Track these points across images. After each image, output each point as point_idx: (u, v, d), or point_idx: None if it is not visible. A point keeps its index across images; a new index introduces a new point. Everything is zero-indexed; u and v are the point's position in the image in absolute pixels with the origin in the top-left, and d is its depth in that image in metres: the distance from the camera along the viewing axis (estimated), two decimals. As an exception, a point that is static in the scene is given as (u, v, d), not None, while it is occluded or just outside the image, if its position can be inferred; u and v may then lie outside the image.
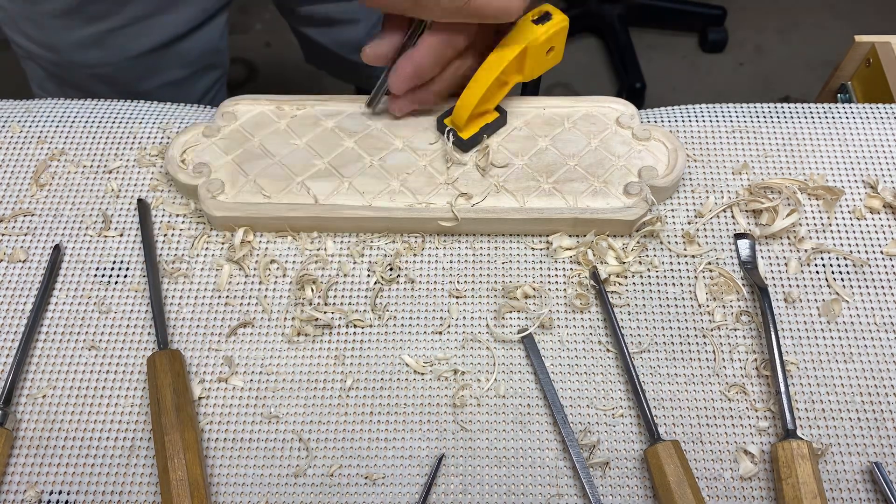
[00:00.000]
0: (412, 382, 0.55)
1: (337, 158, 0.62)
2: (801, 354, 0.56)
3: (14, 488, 0.51)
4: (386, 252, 0.60)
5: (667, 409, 0.54)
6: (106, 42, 0.84)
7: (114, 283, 0.59)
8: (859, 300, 0.58)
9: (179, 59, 0.90)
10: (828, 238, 0.61)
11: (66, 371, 0.56)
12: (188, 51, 0.90)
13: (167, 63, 0.89)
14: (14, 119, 0.68)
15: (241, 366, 0.56)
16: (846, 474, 0.52)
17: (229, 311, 0.58)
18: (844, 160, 0.65)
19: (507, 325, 0.57)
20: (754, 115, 0.67)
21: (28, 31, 0.85)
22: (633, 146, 0.62)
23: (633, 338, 0.57)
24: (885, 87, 0.72)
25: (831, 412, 0.54)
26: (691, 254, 0.60)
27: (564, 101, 0.65)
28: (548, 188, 0.60)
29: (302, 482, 0.52)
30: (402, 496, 0.51)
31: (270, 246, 0.61)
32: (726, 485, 0.51)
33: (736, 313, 0.57)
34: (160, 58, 0.88)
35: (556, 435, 0.53)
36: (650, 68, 1.87)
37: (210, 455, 0.53)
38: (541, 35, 0.58)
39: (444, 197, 0.60)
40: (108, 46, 0.84)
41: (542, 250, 0.60)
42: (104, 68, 0.86)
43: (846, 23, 1.96)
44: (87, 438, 0.53)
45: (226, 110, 0.65)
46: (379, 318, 0.57)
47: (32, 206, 0.63)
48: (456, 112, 0.61)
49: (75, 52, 0.84)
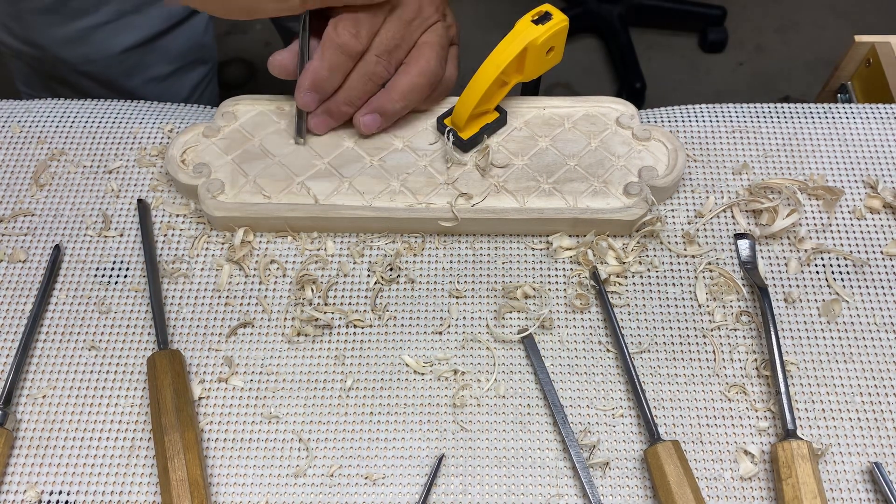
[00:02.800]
0: (412, 382, 0.55)
1: (337, 158, 0.62)
2: (801, 354, 0.56)
3: (14, 488, 0.51)
4: (386, 252, 0.60)
5: (667, 409, 0.54)
6: (89, 39, 0.84)
7: (114, 283, 0.59)
8: (859, 300, 0.58)
9: (164, 55, 0.91)
10: (828, 238, 0.61)
11: (66, 371, 0.56)
12: (172, 46, 0.91)
13: (151, 59, 0.90)
14: (14, 119, 0.68)
15: (241, 366, 0.56)
16: (846, 474, 0.52)
17: (229, 312, 0.58)
18: (844, 160, 0.65)
19: (507, 325, 0.57)
20: (754, 115, 0.67)
21: (12, 29, 0.85)
22: (633, 146, 0.62)
23: (633, 338, 0.57)
24: (885, 87, 0.72)
25: (831, 412, 0.54)
26: (691, 254, 0.60)
27: (564, 101, 0.65)
28: (548, 188, 0.60)
29: (302, 482, 0.52)
30: (402, 496, 0.51)
31: (270, 246, 0.61)
32: (726, 485, 0.51)
33: (736, 313, 0.57)
34: (144, 54, 0.88)
35: (556, 435, 0.53)
36: (650, 68, 1.87)
37: (210, 455, 0.52)
38: (541, 35, 0.58)
39: (444, 197, 0.60)
40: (91, 43, 0.85)
41: (542, 250, 0.60)
42: (89, 65, 0.87)
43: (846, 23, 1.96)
44: (87, 438, 0.53)
45: (226, 110, 0.65)
46: (379, 319, 0.57)
47: (32, 206, 0.63)
48: (456, 112, 0.61)
49: (59, 49, 0.85)
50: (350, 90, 0.59)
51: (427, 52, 0.60)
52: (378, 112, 0.61)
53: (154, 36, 0.88)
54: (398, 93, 0.60)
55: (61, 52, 0.85)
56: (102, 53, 0.86)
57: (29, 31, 0.84)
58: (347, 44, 0.57)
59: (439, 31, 0.60)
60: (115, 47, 0.86)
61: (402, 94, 0.60)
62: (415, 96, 0.60)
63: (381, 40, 0.58)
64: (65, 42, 0.84)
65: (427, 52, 0.60)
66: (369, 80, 0.59)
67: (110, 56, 0.87)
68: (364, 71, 0.59)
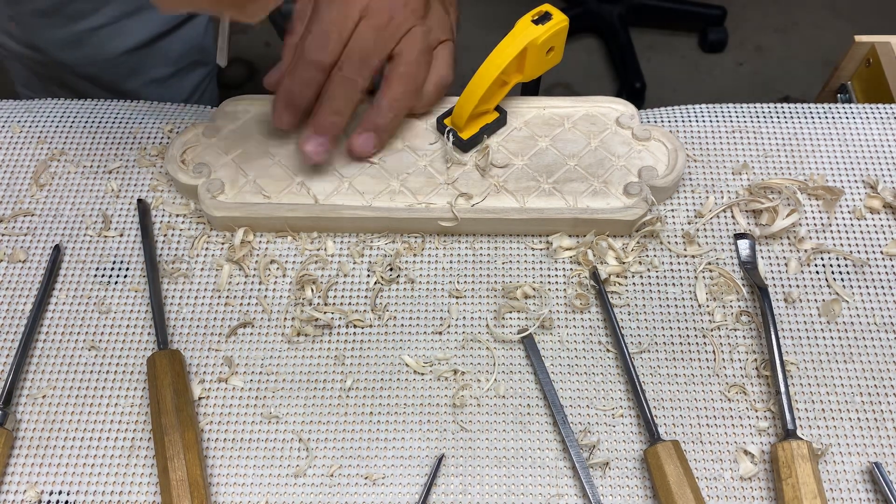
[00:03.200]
0: (412, 382, 0.55)
1: (337, 158, 0.62)
2: (801, 354, 0.56)
3: (14, 488, 0.51)
4: (386, 252, 0.60)
5: (667, 409, 0.54)
6: (87, 41, 0.84)
7: (114, 283, 0.59)
8: (859, 300, 0.58)
9: (163, 58, 0.91)
10: (828, 238, 0.61)
11: (66, 371, 0.56)
12: (171, 49, 0.91)
13: (151, 61, 0.90)
14: (14, 119, 0.68)
15: (241, 366, 0.56)
16: (846, 474, 0.52)
17: (229, 311, 0.58)
18: (844, 160, 0.65)
19: (507, 325, 0.57)
20: (754, 115, 0.67)
21: (11, 31, 0.85)
22: (633, 146, 0.62)
23: (633, 338, 0.57)
24: (885, 87, 0.72)
25: (831, 412, 0.54)
26: (691, 254, 0.60)
27: (564, 101, 0.65)
28: (548, 188, 0.60)
29: (302, 482, 0.52)
30: (402, 496, 0.51)
31: (270, 246, 0.61)
32: (726, 485, 0.51)
33: (736, 313, 0.57)
34: (143, 56, 0.88)
35: (556, 435, 0.53)
36: (650, 68, 1.87)
37: (210, 455, 0.52)
38: (541, 35, 0.58)
39: (444, 197, 0.60)
40: (89, 45, 0.85)
41: (542, 250, 0.60)
42: (89, 68, 0.87)
43: (846, 23, 1.96)
44: (87, 438, 0.53)
45: (226, 110, 0.65)
46: (379, 319, 0.57)
47: (32, 206, 0.63)
48: (456, 112, 0.61)
49: (59, 52, 0.85)
50: (331, 99, 0.58)
51: (404, 60, 0.59)
52: (370, 129, 0.60)
53: (154, 38, 0.88)
54: (385, 105, 0.60)
55: (61, 55, 0.85)
56: (102, 56, 0.86)
57: (29, 34, 0.84)
58: (316, 58, 0.57)
59: (416, 37, 0.59)
60: (114, 50, 0.86)
61: (390, 105, 0.60)
62: (401, 105, 0.60)
63: (351, 48, 0.58)
64: (64, 44, 0.84)
65: (404, 61, 0.59)
66: (348, 86, 0.58)
67: (110, 58, 0.87)
68: (339, 79, 0.58)
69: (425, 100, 0.62)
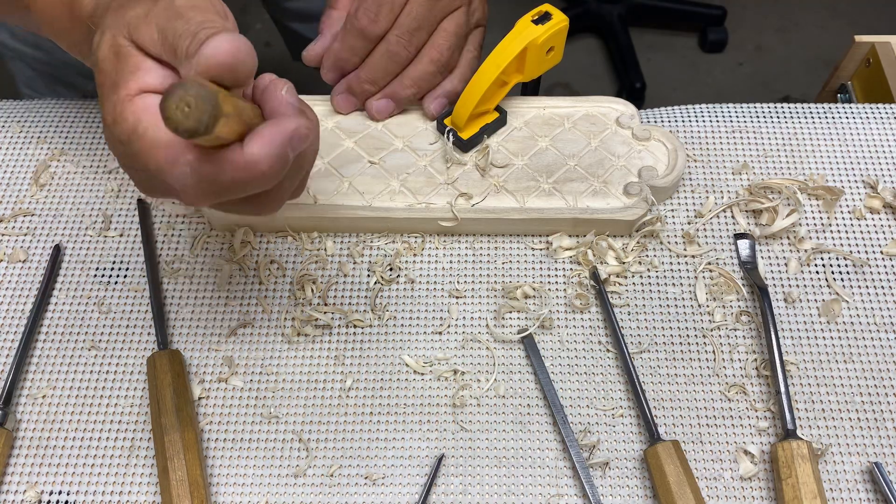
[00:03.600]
0: (412, 382, 0.55)
1: (337, 158, 0.62)
2: (801, 354, 0.56)
3: (14, 488, 0.51)
4: (386, 252, 0.60)
5: (667, 409, 0.54)
6: None
7: (114, 283, 0.59)
8: (859, 300, 0.58)
9: None
10: (828, 238, 0.61)
11: (66, 371, 0.56)
12: None
13: None
14: (14, 119, 0.68)
15: (241, 366, 0.56)
16: (846, 474, 0.52)
17: (229, 311, 0.58)
18: (844, 160, 0.65)
19: (507, 325, 0.57)
20: (754, 115, 0.67)
21: (15, 30, 0.85)
22: (633, 146, 0.62)
23: (633, 338, 0.57)
24: (885, 87, 0.72)
25: (831, 412, 0.54)
26: (691, 254, 0.60)
27: (564, 101, 0.65)
28: (548, 188, 0.60)
29: (302, 482, 0.52)
30: (402, 496, 0.51)
31: (270, 246, 0.61)
32: (726, 485, 0.51)
33: (736, 313, 0.57)
34: None
35: (556, 435, 0.53)
36: (650, 68, 1.87)
37: (210, 455, 0.53)
38: (541, 35, 0.58)
39: (444, 197, 0.60)
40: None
41: (542, 250, 0.60)
42: None
43: (846, 23, 1.96)
44: (87, 438, 0.53)
45: (226, 110, 0.65)
46: (379, 319, 0.57)
47: (32, 206, 0.63)
48: (456, 112, 0.61)
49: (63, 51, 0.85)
50: (371, 69, 0.61)
51: (440, 40, 0.61)
52: (391, 97, 0.63)
53: None
54: (410, 79, 0.62)
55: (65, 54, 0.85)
56: None
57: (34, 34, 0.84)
58: (366, 28, 0.59)
59: (459, 19, 0.62)
60: None
61: (414, 80, 0.62)
62: (425, 83, 0.62)
63: (402, 21, 0.60)
64: None
65: (440, 41, 0.61)
66: (391, 59, 0.61)
67: None
68: (385, 50, 0.60)
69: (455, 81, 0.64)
